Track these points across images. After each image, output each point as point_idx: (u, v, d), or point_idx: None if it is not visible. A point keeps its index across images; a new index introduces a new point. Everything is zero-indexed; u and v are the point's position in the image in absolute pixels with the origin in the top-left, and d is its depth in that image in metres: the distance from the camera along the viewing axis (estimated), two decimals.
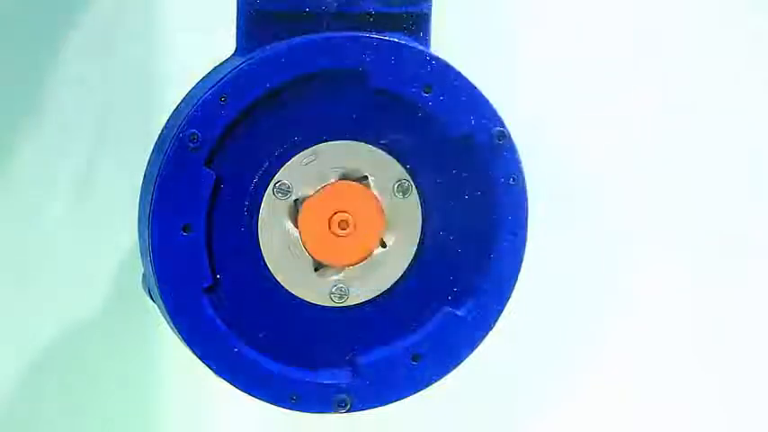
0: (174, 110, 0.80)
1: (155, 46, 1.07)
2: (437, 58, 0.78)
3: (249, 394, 0.78)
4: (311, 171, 0.78)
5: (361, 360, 0.80)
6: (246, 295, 0.78)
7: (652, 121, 1.17)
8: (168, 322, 0.78)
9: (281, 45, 0.76)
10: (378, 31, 0.77)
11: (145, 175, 0.79)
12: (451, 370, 0.81)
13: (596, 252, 1.19)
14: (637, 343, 1.20)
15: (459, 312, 0.80)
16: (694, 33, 1.17)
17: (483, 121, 0.79)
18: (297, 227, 0.78)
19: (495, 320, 0.81)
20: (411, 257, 0.80)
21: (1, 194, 1.07)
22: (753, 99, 1.19)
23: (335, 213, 0.78)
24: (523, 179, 0.80)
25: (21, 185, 1.06)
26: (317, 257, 0.79)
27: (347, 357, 0.80)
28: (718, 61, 1.18)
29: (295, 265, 0.78)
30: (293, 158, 0.77)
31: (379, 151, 0.78)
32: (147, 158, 0.79)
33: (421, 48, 0.78)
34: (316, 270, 0.79)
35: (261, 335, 0.78)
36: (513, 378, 1.19)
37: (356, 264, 0.79)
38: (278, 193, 0.77)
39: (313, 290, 0.79)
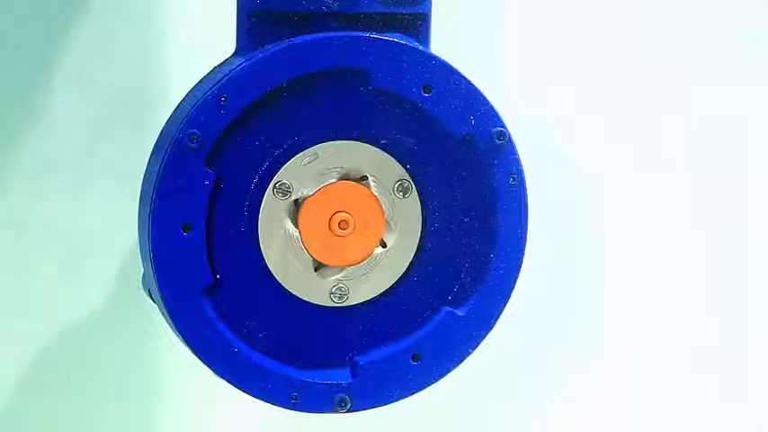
0: (174, 110, 0.80)
1: (155, 46, 1.07)
2: (437, 58, 0.78)
3: (249, 394, 0.78)
4: (311, 171, 0.78)
5: (361, 360, 0.80)
6: (246, 295, 0.78)
7: (653, 120, 1.17)
8: (168, 322, 0.77)
9: (281, 45, 0.76)
10: (378, 32, 0.77)
11: (145, 175, 0.79)
12: (451, 370, 0.81)
13: (597, 251, 1.18)
14: (637, 343, 1.20)
15: (459, 312, 0.80)
16: (694, 33, 1.17)
17: (483, 121, 0.79)
18: (297, 227, 0.78)
19: (495, 320, 0.81)
20: (411, 257, 0.80)
21: (0, 194, 1.06)
22: (754, 98, 1.19)
23: (335, 213, 0.78)
24: (523, 179, 0.80)
25: (20, 185, 1.06)
26: (317, 257, 0.79)
27: (347, 357, 0.80)
28: (718, 61, 1.18)
29: (295, 265, 0.78)
30: (293, 158, 0.77)
31: (379, 151, 0.78)
32: (147, 158, 0.79)
33: (421, 48, 0.78)
34: (316, 270, 0.79)
35: (261, 335, 0.78)
36: (513, 378, 1.19)
37: (356, 264, 0.79)
38: (278, 193, 0.77)
39: (313, 290, 0.79)
